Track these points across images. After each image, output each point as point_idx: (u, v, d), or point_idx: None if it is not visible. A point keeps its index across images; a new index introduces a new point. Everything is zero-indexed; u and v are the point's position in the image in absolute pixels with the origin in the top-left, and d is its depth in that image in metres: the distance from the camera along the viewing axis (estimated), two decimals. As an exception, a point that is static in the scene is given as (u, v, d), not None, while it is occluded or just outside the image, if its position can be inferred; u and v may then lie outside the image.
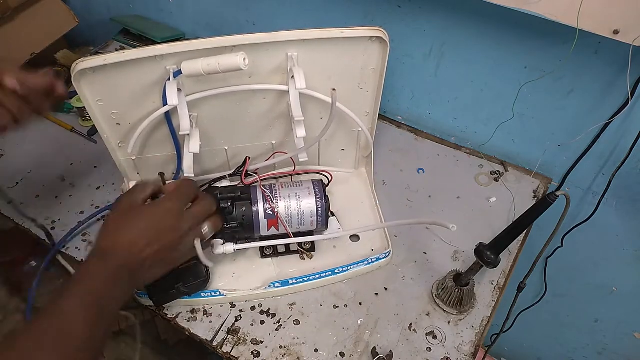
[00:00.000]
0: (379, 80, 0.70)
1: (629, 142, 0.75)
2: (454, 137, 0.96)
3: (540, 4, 0.64)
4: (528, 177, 0.89)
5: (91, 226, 0.80)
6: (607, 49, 0.69)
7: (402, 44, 0.87)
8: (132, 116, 0.68)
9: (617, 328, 1.10)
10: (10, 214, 0.80)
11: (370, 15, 0.86)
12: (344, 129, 0.78)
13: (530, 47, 0.76)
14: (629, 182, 0.82)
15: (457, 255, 0.77)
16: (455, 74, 0.87)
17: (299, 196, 0.69)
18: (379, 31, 0.64)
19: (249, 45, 0.61)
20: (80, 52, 1.17)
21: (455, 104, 0.92)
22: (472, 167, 0.91)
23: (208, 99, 0.67)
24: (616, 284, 1.01)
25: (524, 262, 0.75)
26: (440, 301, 0.70)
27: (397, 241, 0.78)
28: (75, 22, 1.11)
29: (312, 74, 0.66)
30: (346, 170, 0.87)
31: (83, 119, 0.97)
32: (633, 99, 0.71)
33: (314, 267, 0.73)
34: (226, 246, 0.68)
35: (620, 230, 0.90)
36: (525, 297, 1.12)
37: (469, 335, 0.68)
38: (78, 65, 0.59)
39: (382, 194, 0.83)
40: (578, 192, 0.90)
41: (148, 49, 0.60)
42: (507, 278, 0.74)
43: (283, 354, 0.65)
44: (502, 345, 1.40)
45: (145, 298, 0.67)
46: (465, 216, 0.82)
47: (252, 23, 1.02)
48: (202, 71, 0.59)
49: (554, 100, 0.80)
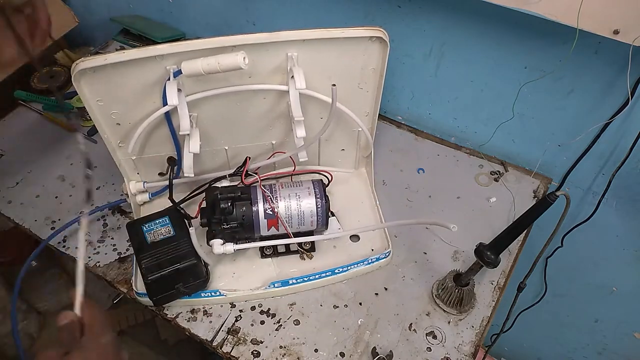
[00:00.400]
0: (379, 80, 0.70)
1: (629, 142, 0.75)
2: (454, 137, 0.96)
3: (540, 4, 0.64)
4: (528, 177, 0.89)
5: (91, 225, 0.80)
6: (607, 49, 0.69)
7: (402, 44, 0.86)
8: (132, 116, 0.68)
9: (617, 328, 1.09)
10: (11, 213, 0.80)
11: (370, 15, 0.86)
12: (344, 129, 0.78)
13: (530, 47, 0.76)
14: (629, 182, 0.82)
15: (457, 255, 0.77)
16: (455, 74, 0.87)
17: (299, 196, 0.69)
18: (379, 31, 0.64)
19: (249, 45, 0.61)
20: (80, 52, 1.17)
21: (455, 104, 0.92)
22: (472, 167, 0.91)
23: (208, 99, 0.67)
24: (616, 284, 1.01)
25: (524, 262, 0.75)
26: (440, 301, 0.70)
27: (397, 241, 0.78)
28: (75, 22, 1.11)
29: (312, 74, 0.66)
30: (346, 170, 0.87)
31: (83, 118, 0.97)
32: (633, 99, 0.71)
33: (314, 267, 0.73)
34: (226, 246, 0.68)
35: (620, 230, 0.90)
36: (525, 297, 1.12)
37: (469, 335, 0.68)
38: (78, 65, 0.59)
39: (382, 194, 0.83)
40: (578, 192, 0.90)
41: (148, 48, 0.60)
42: (507, 278, 0.74)
43: (283, 354, 0.65)
44: (502, 345, 1.40)
45: (145, 298, 0.67)
46: (465, 216, 0.82)
47: (252, 23, 1.02)
48: (202, 71, 0.59)
49: (554, 100, 0.80)
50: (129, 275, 0.73)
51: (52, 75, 1.07)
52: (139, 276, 0.68)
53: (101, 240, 0.78)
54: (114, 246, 0.77)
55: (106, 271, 0.74)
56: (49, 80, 1.05)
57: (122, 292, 0.73)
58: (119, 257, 0.76)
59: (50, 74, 1.07)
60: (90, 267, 0.75)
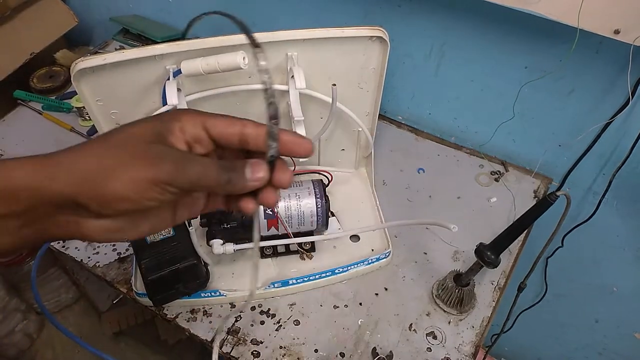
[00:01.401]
0: (379, 80, 0.70)
1: (629, 142, 0.75)
2: (454, 137, 0.96)
3: (540, 4, 0.64)
4: (528, 177, 0.89)
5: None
6: (607, 48, 0.69)
7: (402, 44, 0.86)
8: (132, 116, 0.67)
9: (617, 328, 1.09)
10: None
11: (370, 15, 0.86)
12: (344, 128, 0.78)
13: (530, 46, 0.75)
14: (629, 182, 0.81)
15: (457, 256, 0.77)
16: (455, 73, 0.86)
17: (299, 196, 0.69)
18: (379, 31, 0.63)
19: (249, 45, 0.61)
20: (80, 51, 1.17)
21: (455, 104, 0.91)
22: (472, 167, 0.90)
23: (208, 99, 0.67)
24: (616, 284, 1.00)
25: (524, 262, 0.75)
26: (441, 301, 0.70)
27: (397, 241, 0.78)
28: (75, 21, 1.11)
29: (312, 73, 0.66)
30: (346, 170, 0.86)
31: (82, 119, 0.97)
32: (634, 99, 0.71)
33: (314, 267, 0.73)
34: (226, 246, 0.68)
35: (621, 230, 0.90)
36: (526, 297, 1.12)
37: (469, 336, 0.67)
38: (77, 65, 0.59)
39: (382, 194, 0.83)
40: (578, 192, 0.90)
41: (148, 48, 0.60)
42: (508, 278, 0.74)
43: (283, 354, 0.65)
44: (502, 346, 1.40)
45: (145, 298, 0.67)
46: (466, 216, 0.82)
47: (252, 23, 1.02)
48: (202, 70, 0.59)
49: (555, 100, 0.80)
50: (128, 276, 0.73)
51: (51, 75, 1.07)
52: (138, 276, 0.68)
53: (101, 240, 0.78)
54: (114, 246, 0.77)
55: (106, 271, 0.74)
56: (48, 80, 1.05)
57: (122, 292, 0.73)
58: (118, 257, 0.76)
59: (49, 74, 1.07)
60: (90, 267, 0.75)
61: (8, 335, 1.42)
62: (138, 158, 0.27)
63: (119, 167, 0.27)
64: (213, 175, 0.29)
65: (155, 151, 0.28)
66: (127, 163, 0.27)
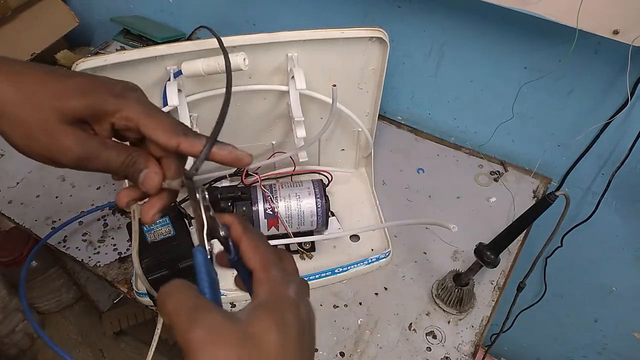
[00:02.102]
0: (379, 80, 0.70)
1: (628, 142, 0.75)
2: (453, 137, 0.96)
3: (539, 4, 0.64)
4: (528, 177, 0.89)
5: (90, 225, 0.80)
6: (606, 49, 0.69)
7: (402, 44, 0.87)
8: (133, 116, 0.68)
9: (617, 328, 1.10)
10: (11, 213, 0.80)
11: (370, 15, 0.86)
12: (344, 129, 0.78)
13: (530, 47, 0.76)
14: (628, 182, 0.82)
15: (457, 255, 0.77)
16: (455, 74, 0.87)
17: (299, 196, 0.69)
18: (379, 31, 0.64)
19: (249, 45, 0.61)
20: (80, 52, 1.17)
21: (455, 104, 0.92)
22: (472, 167, 0.91)
23: (208, 99, 0.67)
24: (616, 284, 1.01)
25: (524, 262, 0.75)
26: (440, 301, 0.70)
27: (397, 241, 0.78)
28: (76, 22, 1.12)
29: (312, 74, 0.66)
30: (346, 170, 0.87)
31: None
32: (633, 99, 0.71)
33: (314, 267, 0.73)
34: (226, 246, 0.68)
35: (620, 230, 0.90)
36: (525, 297, 1.12)
37: (469, 335, 0.68)
38: (78, 66, 0.59)
39: (382, 194, 0.84)
40: (578, 192, 0.90)
41: (148, 49, 0.60)
42: (507, 278, 0.74)
43: (283, 354, 0.65)
44: (501, 345, 1.40)
45: (145, 298, 0.67)
46: (465, 216, 0.82)
47: (252, 23, 1.02)
48: (202, 71, 0.59)
49: (554, 100, 0.80)
50: (129, 275, 0.73)
51: (52, 75, 1.07)
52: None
53: (101, 240, 0.78)
54: (114, 246, 0.77)
55: (106, 271, 0.74)
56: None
57: (122, 292, 0.73)
58: (119, 257, 0.76)
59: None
60: (91, 267, 0.75)
61: (9, 334, 1.43)
62: (42, 133, 0.34)
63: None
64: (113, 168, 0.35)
65: (64, 140, 0.34)
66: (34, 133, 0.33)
